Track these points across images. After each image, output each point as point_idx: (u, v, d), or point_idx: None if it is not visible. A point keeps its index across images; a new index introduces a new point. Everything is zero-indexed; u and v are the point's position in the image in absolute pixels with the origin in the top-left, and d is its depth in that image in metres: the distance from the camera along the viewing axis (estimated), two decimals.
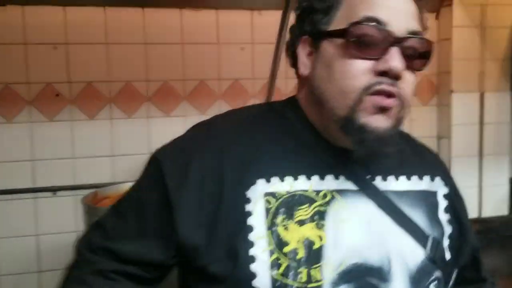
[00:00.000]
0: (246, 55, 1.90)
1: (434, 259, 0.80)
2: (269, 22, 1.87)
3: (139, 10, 1.78)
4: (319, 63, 0.79)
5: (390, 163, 0.82)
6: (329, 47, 0.77)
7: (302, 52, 0.81)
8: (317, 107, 0.80)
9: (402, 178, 0.84)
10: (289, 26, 0.87)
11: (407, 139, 0.95)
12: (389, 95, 0.73)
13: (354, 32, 0.73)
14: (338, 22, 0.77)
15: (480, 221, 1.82)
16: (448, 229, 0.86)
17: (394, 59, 0.72)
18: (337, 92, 0.75)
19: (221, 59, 1.87)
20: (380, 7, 0.74)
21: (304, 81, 0.83)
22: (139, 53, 1.80)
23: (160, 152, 0.82)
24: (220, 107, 1.89)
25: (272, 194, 0.75)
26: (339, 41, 0.75)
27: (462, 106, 2.03)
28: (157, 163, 0.79)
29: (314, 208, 0.76)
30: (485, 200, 2.09)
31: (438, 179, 0.89)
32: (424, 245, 0.80)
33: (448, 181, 0.92)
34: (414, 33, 0.75)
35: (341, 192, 0.78)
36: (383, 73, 0.73)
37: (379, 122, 0.73)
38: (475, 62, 2.02)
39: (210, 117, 0.87)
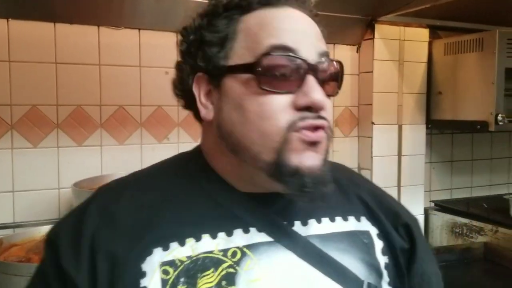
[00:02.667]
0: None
1: None
2: None
3: (50, 25, 1.58)
4: (225, 104, 0.70)
5: (309, 205, 0.73)
6: (234, 85, 0.69)
7: (199, 92, 0.72)
8: (232, 156, 0.71)
9: (325, 220, 0.76)
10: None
11: (338, 171, 0.84)
12: (316, 128, 0.67)
13: (264, 65, 0.66)
14: (239, 54, 0.69)
15: None
16: (386, 273, 0.76)
17: (315, 91, 0.66)
18: (257, 136, 0.66)
19: (143, 83, 1.73)
20: (285, 33, 0.68)
21: (208, 127, 0.74)
22: (49, 73, 1.59)
23: (53, 231, 0.73)
24: (141, 136, 1.73)
25: (171, 263, 0.66)
26: (246, 76, 0.67)
27: (382, 138, 2.07)
28: (51, 244, 0.70)
29: (221, 272, 0.66)
30: None
31: (364, 219, 0.80)
32: None
33: (376, 218, 0.81)
34: (324, 55, 0.70)
35: (252, 247, 0.69)
36: (306, 108, 0.66)
37: (312, 160, 0.67)
38: (394, 95, 2.08)
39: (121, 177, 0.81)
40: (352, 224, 0.77)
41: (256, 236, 0.69)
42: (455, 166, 2.37)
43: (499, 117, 1.86)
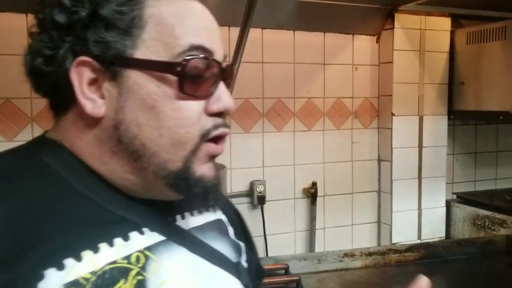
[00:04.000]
0: None
1: (248, 286, 0.76)
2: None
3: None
4: (129, 102, 0.61)
5: (180, 201, 0.69)
6: (144, 82, 0.60)
7: (80, 80, 0.60)
8: (128, 160, 0.63)
9: (195, 212, 0.75)
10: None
11: None
12: (220, 139, 0.65)
13: (188, 67, 0.60)
14: (150, 47, 0.60)
15: (424, 246, 1.82)
16: (243, 255, 0.80)
17: (226, 96, 0.64)
18: (169, 144, 0.61)
19: None
20: (202, 32, 0.63)
21: (90, 122, 0.63)
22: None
23: None
24: None
25: (75, 284, 0.55)
26: (162, 75, 0.60)
27: (402, 129, 2.04)
28: None
29: (132, 281, 0.60)
30: (423, 223, 2.11)
31: (217, 209, 0.81)
32: (238, 276, 0.73)
33: (224, 207, 0.83)
34: (225, 57, 0.67)
35: (152, 248, 0.64)
36: (217, 114, 0.63)
37: (212, 171, 0.66)
38: (415, 86, 2.05)
39: None
40: (212, 213, 0.79)
41: (151, 236, 0.65)
42: (479, 158, 2.33)
43: None
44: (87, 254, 0.57)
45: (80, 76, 0.60)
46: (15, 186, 0.60)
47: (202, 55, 0.61)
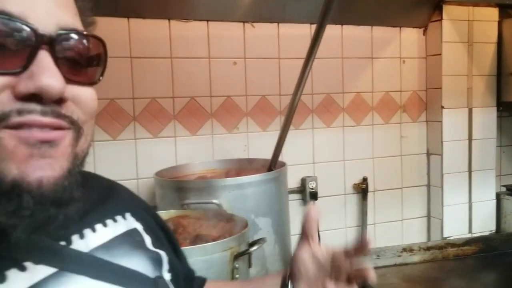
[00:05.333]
0: (238, 70, 1.78)
1: None
2: (262, 35, 1.79)
3: (124, 20, 1.62)
4: None
5: (76, 213, 0.53)
6: None
7: None
8: None
9: (99, 227, 0.63)
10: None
11: (84, 179, 0.59)
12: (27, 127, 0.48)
13: None
14: None
15: (482, 239, 1.80)
16: (165, 265, 0.70)
17: (45, 73, 0.47)
18: None
19: (213, 74, 1.74)
20: None
21: None
22: (125, 67, 1.63)
23: None
24: (212, 127, 1.76)
25: None
26: None
27: (452, 122, 2.02)
28: None
29: None
30: (474, 217, 2.09)
31: (128, 216, 0.70)
32: None
33: (139, 213, 0.73)
34: (70, 30, 0.52)
35: (40, 285, 0.51)
36: (31, 97, 0.47)
37: (41, 170, 0.47)
38: (463, 78, 2.03)
39: None
40: (122, 224, 0.67)
41: (36, 271, 0.52)
42: None
43: None
44: None
45: None
46: None
47: None
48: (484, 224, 2.10)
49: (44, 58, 0.48)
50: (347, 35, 1.93)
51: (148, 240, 0.70)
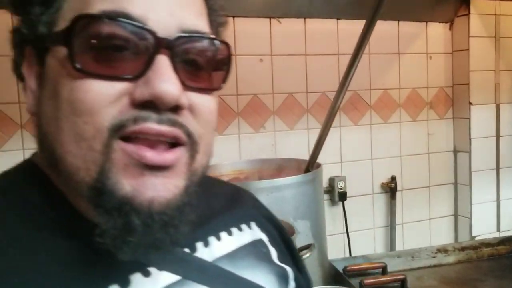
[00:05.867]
0: (265, 67, 1.73)
1: None
2: (289, 31, 1.73)
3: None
4: (44, 92, 0.48)
5: (200, 219, 0.52)
6: (52, 62, 0.47)
7: (28, 73, 0.50)
8: (55, 169, 0.48)
9: (223, 235, 0.59)
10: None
11: (207, 185, 0.59)
12: (165, 146, 0.45)
13: (80, 32, 0.44)
14: (67, 20, 0.46)
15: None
16: (291, 282, 0.65)
17: (163, 77, 0.44)
18: (71, 140, 0.44)
19: (239, 72, 1.69)
20: None
21: (35, 124, 0.50)
22: None
23: None
24: (238, 126, 1.71)
25: None
26: (59, 50, 0.45)
27: (480, 118, 1.97)
28: None
29: None
30: (502, 214, 2.05)
31: (254, 225, 0.65)
32: None
33: (264, 223, 0.67)
34: (194, 32, 0.48)
35: None
36: (147, 104, 0.44)
37: (155, 190, 0.44)
38: (491, 73, 1.98)
39: None
40: (247, 233, 0.63)
41: (160, 277, 0.49)
42: None
43: None
44: None
45: (28, 70, 0.50)
46: None
47: (110, 17, 0.44)
48: None
49: (162, 63, 0.45)
50: (374, 30, 1.87)
51: (273, 253, 0.65)
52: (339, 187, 1.81)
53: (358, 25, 1.82)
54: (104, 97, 0.44)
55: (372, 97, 1.89)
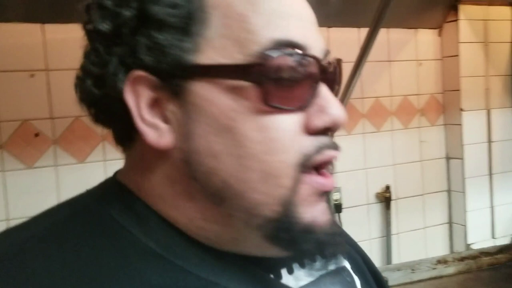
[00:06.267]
0: None
1: None
2: None
3: None
4: (199, 125, 0.45)
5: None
6: (215, 95, 0.45)
7: (137, 101, 0.46)
8: (209, 204, 0.47)
9: (306, 262, 0.58)
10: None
11: None
12: (324, 166, 0.47)
13: (272, 69, 0.43)
14: (218, 47, 0.45)
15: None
16: None
17: (333, 104, 0.46)
18: (260, 178, 0.44)
19: None
20: (290, 21, 0.46)
21: (157, 156, 0.48)
22: None
23: None
24: None
25: None
26: (237, 84, 0.44)
27: (472, 124, 1.96)
28: None
29: None
30: (497, 221, 2.03)
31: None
32: None
33: (347, 250, 0.64)
34: (327, 53, 0.50)
35: None
36: (321, 131, 0.46)
37: (325, 214, 0.47)
38: (481, 79, 1.97)
39: None
40: (331, 260, 0.60)
41: None
42: None
43: None
44: None
45: (137, 97, 0.46)
46: (73, 257, 0.44)
47: (291, 52, 0.44)
48: (507, 228, 2.04)
49: (324, 88, 0.47)
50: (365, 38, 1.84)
51: (357, 281, 0.61)
52: (335, 198, 1.76)
53: (349, 33, 1.80)
54: (291, 133, 0.45)
55: (365, 105, 1.86)
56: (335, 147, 0.47)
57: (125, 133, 0.50)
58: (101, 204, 0.49)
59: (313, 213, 0.46)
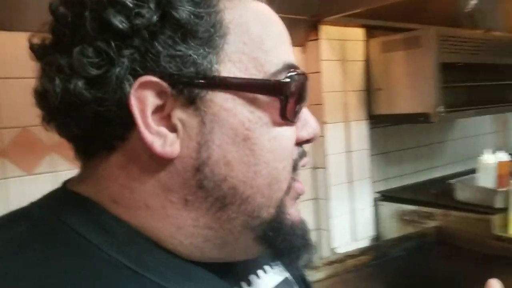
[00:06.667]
0: None
1: None
2: None
3: None
4: (215, 135, 0.47)
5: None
6: (234, 107, 0.48)
7: (141, 107, 0.45)
8: (202, 211, 0.49)
9: (260, 273, 0.61)
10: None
11: None
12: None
13: (293, 87, 0.50)
14: (236, 62, 0.48)
15: (374, 248, 1.91)
16: None
17: (313, 119, 0.55)
18: (267, 183, 0.49)
19: None
20: (287, 46, 0.54)
21: (153, 165, 0.47)
22: None
23: None
24: None
25: None
26: (256, 98, 0.48)
27: (334, 136, 2.11)
28: None
29: None
30: (357, 224, 2.21)
31: (280, 264, 0.67)
32: None
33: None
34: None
35: None
36: (306, 141, 0.55)
37: (299, 212, 0.55)
38: (340, 94, 2.13)
39: None
40: (277, 271, 0.65)
41: None
42: (395, 157, 2.50)
43: (440, 109, 2.00)
44: None
45: (143, 103, 0.45)
46: (31, 268, 0.42)
47: (299, 71, 0.52)
48: (365, 231, 2.24)
49: (305, 107, 0.54)
50: None
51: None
52: None
53: None
54: (292, 142, 0.52)
55: None
56: (306, 154, 0.55)
57: (104, 142, 0.48)
58: (60, 217, 0.47)
59: (295, 213, 0.54)
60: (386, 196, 2.33)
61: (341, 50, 2.13)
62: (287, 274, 0.65)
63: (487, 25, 2.63)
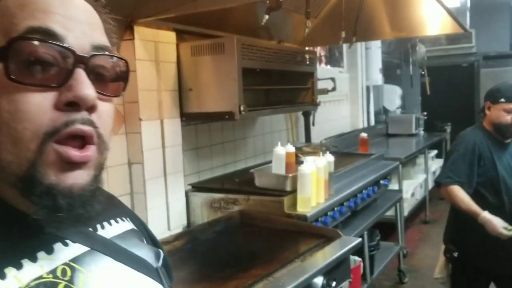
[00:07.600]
0: None
1: None
2: None
3: None
4: None
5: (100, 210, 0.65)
6: None
7: None
8: None
9: (113, 222, 0.74)
10: None
11: None
12: (82, 142, 0.58)
13: (14, 49, 0.54)
14: None
15: (187, 233, 2.08)
16: (161, 260, 0.81)
17: (82, 85, 0.56)
18: (10, 141, 0.56)
19: None
20: (50, 16, 0.57)
21: None
22: None
23: None
24: None
25: None
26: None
27: (149, 132, 2.23)
28: None
29: None
30: (171, 214, 2.37)
31: (129, 219, 0.80)
32: (160, 281, 0.75)
33: (134, 221, 0.82)
34: (102, 49, 0.61)
35: (78, 260, 0.63)
36: (70, 106, 0.56)
37: (73, 178, 0.57)
38: (155, 93, 2.26)
39: None
40: (127, 223, 0.78)
41: (74, 248, 0.63)
42: (205, 151, 2.73)
43: (242, 108, 2.28)
44: (10, 271, 0.56)
45: None
46: None
47: (39, 37, 0.55)
48: (179, 220, 2.41)
49: (80, 74, 0.57)
50: None
51: (145, 239, 0.81)
52: None
53: None
54: (38, 105, 0.55)
55: None
56: (86, 122, 0.57)
57: None
58: None
59: (60, 177, 0.56)
60: (197, 187, 2.55)
61: (155, 51, 2.25)
62: (134, 227, 0.79)
63: (279, 37, 3.07)
